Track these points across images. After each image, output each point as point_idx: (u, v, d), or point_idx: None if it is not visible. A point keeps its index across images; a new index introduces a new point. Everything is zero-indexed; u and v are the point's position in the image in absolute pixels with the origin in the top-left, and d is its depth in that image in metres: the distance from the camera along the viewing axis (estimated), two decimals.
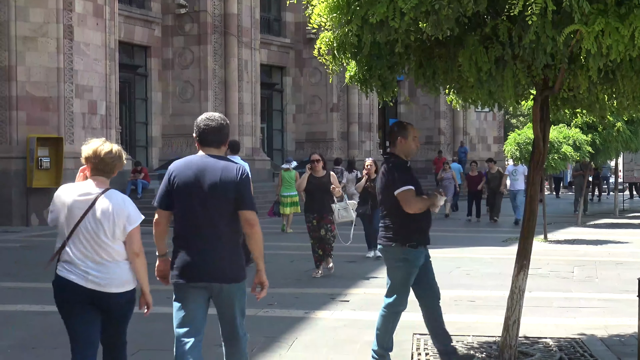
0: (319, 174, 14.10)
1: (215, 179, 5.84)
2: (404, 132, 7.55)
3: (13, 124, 23.84)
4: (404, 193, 7.28)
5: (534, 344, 8.46)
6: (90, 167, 5.82)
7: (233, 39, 32.66)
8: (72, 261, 5.66)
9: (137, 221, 5.75)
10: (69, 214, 5.67)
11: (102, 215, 5.64)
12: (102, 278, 5.65)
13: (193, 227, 5.87)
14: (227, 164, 5.95)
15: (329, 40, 7.45)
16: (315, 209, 13.88)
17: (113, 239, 5.67)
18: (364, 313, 10.42)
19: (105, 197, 5.69)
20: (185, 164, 5.96)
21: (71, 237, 5.66)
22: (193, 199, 5.85)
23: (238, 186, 5.84)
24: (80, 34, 24.49)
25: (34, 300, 11.24)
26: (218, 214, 5.84)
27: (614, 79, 6.96)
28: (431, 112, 46.38)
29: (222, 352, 6.28)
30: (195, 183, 5.85)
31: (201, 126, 6.03)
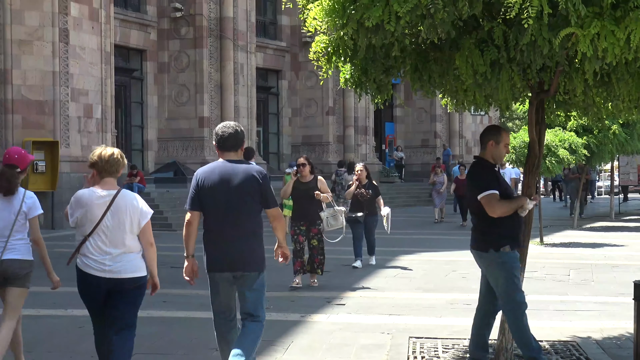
0: (305, 179, 13.16)
1: (239, 181, 6.68)
2: (496, 137, 7.35)
3: (9, 127, 23.81)
4: (486, 197, 7.10)
5: None
6: (98, 171, 6.54)
7: (229, 42, 32.67)
8: (91, 253, 6.45)
9: (148, 216, 6.57)
10: (90, 214, 6.45)
11: (120, 213, 6.45)
12: (117, 267, 6.44)
13: (221, 224, 6.70)
14: (247, 167, 6.79)
15: (325, 43, 7.44)
16: (303, 217, 13.04)
17: (130, 232, 6.48)
18: (360, 316, 10.41)
19: (120, 197, 6.48)
20: (210, 170, 6.78)
21: (92, 233, 6.44)
22: (219, 200, 6.68)
23: (261, 187, 6.73)
24: (75, 37, 24.47)
25: (28, 304, 11.17)
26: (242, 212, 6.71)
27: (609, 82, 6.97)
28: (427, 115, 46.44)
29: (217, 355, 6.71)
30: (221, 186, 6.68)
31: (219, 134, 6.83)
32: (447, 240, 20.84)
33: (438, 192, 28.14)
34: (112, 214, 6.43)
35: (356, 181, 15.56)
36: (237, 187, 6.68)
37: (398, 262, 16.05)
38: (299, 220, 13.04)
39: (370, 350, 8.45)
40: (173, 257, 12.53)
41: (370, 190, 15.49)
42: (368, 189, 15.49)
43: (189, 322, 9.54)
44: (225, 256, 6.72)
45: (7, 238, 7.09)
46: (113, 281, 6.43)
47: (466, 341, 8.75)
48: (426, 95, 7.98)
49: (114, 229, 6.44)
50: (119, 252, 6.45)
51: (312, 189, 12.99)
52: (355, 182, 15.58)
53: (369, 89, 7.82)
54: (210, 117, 32.43)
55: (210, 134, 32.23)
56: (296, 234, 12.98)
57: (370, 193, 15.45)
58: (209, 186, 6.72)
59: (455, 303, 11.46)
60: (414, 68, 7.48)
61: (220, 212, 6.71)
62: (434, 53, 7.30)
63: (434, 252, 17.77)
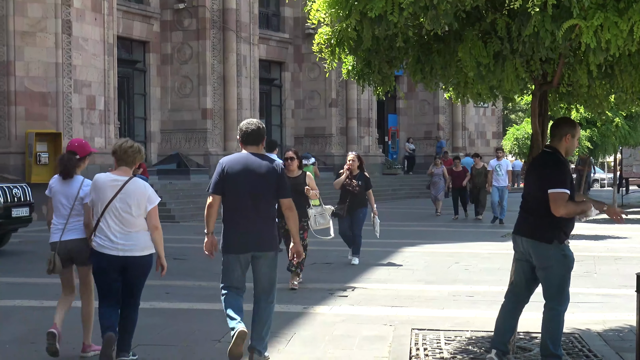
0: (293, 173, 12.18)
1: (260, 172, 7.39)
2: (573, 130, 7.18)
3: (11, 119, 23.82)
4: (557, 194, 6.88)
5: (533, 339, 8.46)
6: (117, 159, 7.43)
7: (232, 34, 32.63)
8: (104, 232, 7.23)
9: (155, 202, 7.39)
10: (102, 195, 7.24)
11: (128, 197, 7.23)
12: (127, 245, 7.24)
13: (240, 209, 7.38)
14: (268, 160, 7.51)
15: (328, 35, 7.44)
16: None
17: (136, 215, 7.26)
18: (362, 308, 10.42)
19: (130, 182, 7.29)
20: (235, 160, 7.49)
21: (104, 213, 7.23)
22: (240, 187, 7.36)
23: (278, 179, 7.45)
24: (78, 29, 24.46)
25: (32, 295, 11.24)
26: (260, 199, 7.41)
27: (612, 74, 6.97)
28: (430, 107, 46.39)
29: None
30: (243, 175, 7.37)
31: (243, 129, 7.53)
32: (449, 232, 20.86)
33: (434, 183, 27.68)
34: (121, 198, 7.21)
35: (347, 171, 14.64)
36: (258, 176, 7.38)
37: (400, 254, 16.06)
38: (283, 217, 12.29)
39: (372, 341, 8.46)
40: (176, 248, 12.54)
41: (360, 182, 14.55)
42: (359, 180, 14.56)
43: (192, 314, 9.56)
44: (245, 238, 7.36)
45: (67, 219, 7.74)
46: (124, 259, 7.23)
47: (468, 332, 8.77)
48: (427, 88, 7.98)
49: (123, 211, 7.22)
50: (128, 232, 7.24)
51: (300, 184, 12.17)
52: (345, 172, 14.68)
53: (371, 80, 7.82)
54: (213, 109, 32.41)
55: (213, 126, 32.25)
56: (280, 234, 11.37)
57: (360, 185, 14.53)
58: (233, 174, 7.38)
59: (457, 295, 11.47)
60: (417, 59, 7.48)
61: (242, 198, 7.37)
62: (437, 45, 7.29)
63: (436, 244, 17.77)
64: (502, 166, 23.99)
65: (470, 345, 8.21)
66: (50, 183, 7.90)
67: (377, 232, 15.02)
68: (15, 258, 15.63)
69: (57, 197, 7.80)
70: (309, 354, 7.98)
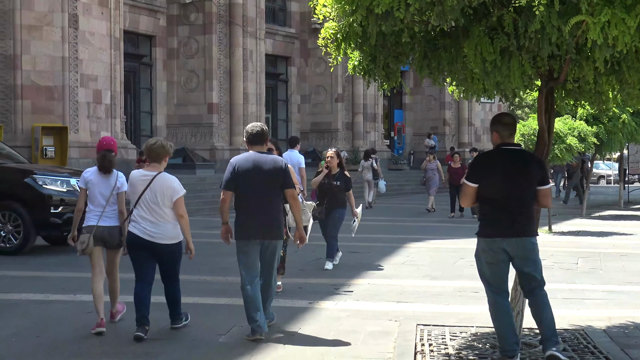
0: None
1: (267, 168, 8.37)
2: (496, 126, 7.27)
3: (18, 113, 23.82)
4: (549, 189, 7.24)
5: (538, 335, 8.44)
6: (147, 156, 8.65)
7: (238, 28, 32.62)
8: (137, 220, 8.37)
9: (180, 193, 8.45)
10: (135, 189, 8.41)
11: (156, 190, 8.35)
12: (156, 233, 8.35)
13: (250, 201, 8.36)
14: (273, 157, 8.57)
15: (334, 30, 7.43)
16: None
17: (164, 206, 8.36)
18: (367, 303, 10.42)
19: (158, 177, 8.39)
20: (244, 158, 8.45)
21: (136, 204, 8.35)
22: (250, 182, 8.33)
23: (283, 173, 8.45)
24: (85, 23, 24.45)
25: (37, 289, 11.26)
26: (268, 193, 8.39)
27: (619, 70, 6.95)
28: (436, 102, 46.34)
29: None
30: (252, 171, 8.34)
31: (249, 131, 8.57)
32: (455, 228, 20.83)
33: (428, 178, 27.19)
34: (150, 190, 8.33)
35: (325, 169, 13.53)
36: (265, 172, 8.36)
37: (405, 250, 16.05)
38: None
39: (377, 337, 8.46)
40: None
41: (339, 182, 13.42)
42: (337, 180, 13.43)
43: (197, 308, 9.56)
44: (254, 227, 8.34)
45: (104, 208, 8.81)
46: (153, 244, 8.36)
47: (474, 328, 8.76)
48: (434, 83, 7.97)
49: (152, 202, 8.33)
50: (157, 222, 8.35)
51: None
52: (324, 170, 13.55)
53: (377, 76, 7.81)
54: (220, 104, 32.42)
55: (219, 120, 32.27)
56: None
57: (338, 186, 13.43)
58: (243, 171, 8.35)
59: (463, 291, 11.47)
60: (423, 55, 7.47)
61: (251, 192, 8.34)
62: (443, 40, 7.28)
63: (441, 239, 17.75)
64: None
65: (475, 340, 8.20)
66: (85, 176, 8.94)
67: (354, 228, 14.12)
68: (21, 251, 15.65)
69: (95, 189, 8.85)
70: (313, 348, 7.98)
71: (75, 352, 7.85)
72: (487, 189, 7.13)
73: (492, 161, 7.27)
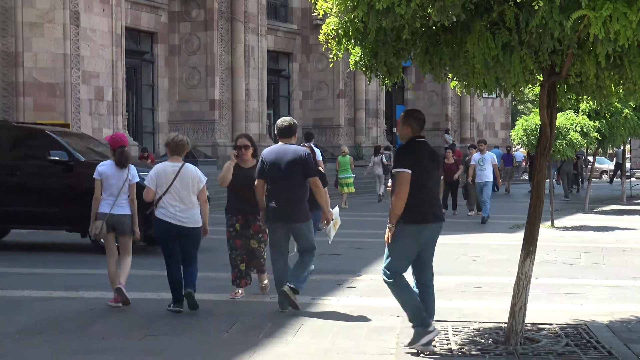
0: (247, 164, 10.41)
1: (290, 158, 9.36)
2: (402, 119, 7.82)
3: (20, 110, 23.84)
4: None
5: (540, 330, 8.45)
6: (169, 150, 9.64)
7: (239, 24, 32.62)
8: (166, 207, 9.36)
9: (204, 181, 9.57)
10: (165, 178, 9.39)
11: (185, 179, 9.43)
12: (184, 217, 9.40)
13: (278, 189, 9.35)
14: (296, 148, 9.53)
15: (335, 25, 7.42)
16: (240, 210, 10.32)
17: (191, 193, 9.43)
18: (370, 299, 10.42)
19: (185, 167, 9.50)
20: (270, 150, 9.57)
21: (166, 192, 9.35)
22: (277, 172, 9.34)
23: (305, 162, 9.37)
24: (86, 20, 24.46)
25: (41, 286, 11.27)
26: (293, 180, 9.36)
27: (621, 65, 6.93)
28: (438, 98, 46.34)
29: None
30: (278, 161, 9.38)
31: (278, 126, 9.70)
32: (457, 223, 20.83)
33: None
34: (179, 179, 9.37)
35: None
36: (290, 162, 9.34)
37: None
38: (235, 214, 10.37)
39: (380, 332, 8.47)
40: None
41: None
42: None
43: (200, 304, 9.57)
44: (284, 212, 9.33)
45: (116, 198, 9.81)
46: (180, 228, 9.36)
47: (476, 324, 8.77)
48: (436, 79, 7.96)
49: (181, 190, 9.37)
50: (185, 207, 9.38)
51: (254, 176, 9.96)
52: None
53: (378, 71, 7.80)
54: (221, 100, 32.43)
55: (220, 117, 32.29)
56: (232, 236, 10.40)
57: None
58: (271, 162, 9.40)
59: (465, 286, 11.47)
60: (425, 51, 7.46)
61: (278, 180, 9.36)
62: (444, 36, 7.27)
63: (444, 235, 17.68)
64: (485, 160, 22.33)
65: (478, 336, 8.20)
66: (100, 169, 9.90)
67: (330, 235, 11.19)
68: (24, 248, 15.67)
69: (110, 180, 9.83)
70: (316, 344, 7.98)
71: (78, 348, 7.86)
72: (420, 175, 7.54)
73: (418, 151, 7.67)
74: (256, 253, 10.44)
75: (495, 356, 7.48)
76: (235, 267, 10.42)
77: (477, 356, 7.51)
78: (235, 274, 10.43)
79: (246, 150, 10.47)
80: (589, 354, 7.55)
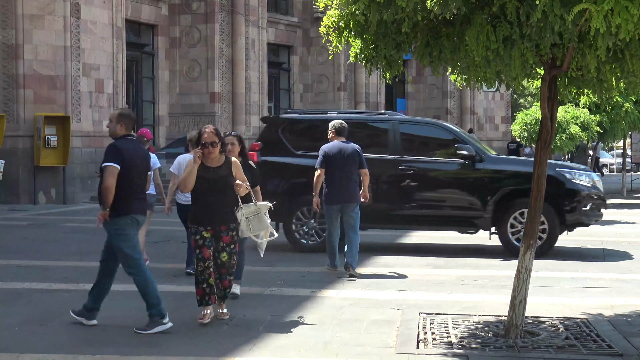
0: (214, 163, 8.76)
1: (348, 152, 11.73)
2: None
3: (20, 102, 23.83)
4: None
5: (540, 323, 8.46)
6: (191, 144, 11.43)
7: (240, 17, 32.57)
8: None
9: None
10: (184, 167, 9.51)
11: None
12: None
13: (337, 177, 11.69)
14: (352, 145, 11.82)
15: (335, 18, 7.41)
16: (209, 220, 8.72)
17: None
18: (370, 292, 10.43)
19: None
20: (332, 146, 11.80)
21: None
22: (337, 163, 11.69)
23: (359, 156, 11.76)
24: (87, 12, 24.44)
25: (41, 278, 11.28)
26: (349, 170, 11.72)
27: (622, 59, 6.92)
28: (439, 91, 46.25)
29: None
30: (338, 155, 11.71)
31: (337, 126, 11.91)
32: None
33: None
34: None
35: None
36: (348, 155, 11.71)
37: (408, 238, 16.06)
38: (203, 224, 8.73)
39: (380, 325, 8.47)
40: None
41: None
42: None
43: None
44: (339, 194, 11.69)
45: None
46: None
47: (476, 317, 8.78)
48: (434, 73, 7.95)
49: None
50: None
51: (225, 178, 8.77)
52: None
53: (379, 64, 7.79)
54: (222, 93, 32.40)
55: (221, 109, 32.26)
56: (199, 245, 8.72)
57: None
58: (332, 155, 11.71)
59: (465, 279, 11.48)
60: (425, 44, 7.44)
61: (337, 169, 11.66)
62: (445, 29, 7.26)
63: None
64: None
65: (478, 329, 8.21)
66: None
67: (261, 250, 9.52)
68: (24, 241, 15.68)
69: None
70: (316, 337, 7.99)
71: (78, 340, 7.87)
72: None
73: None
74: (226, 265, 8.81)
75: (495, 349, 7.49)
76: (203, 282, 8.65)
77: (477, 349, 7.52)
78: (201, 290, 8.66)
79: (213, 149, 8.68)
80: (589, 348, 7.56)
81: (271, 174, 13.93)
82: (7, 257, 13.20)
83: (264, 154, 14.24)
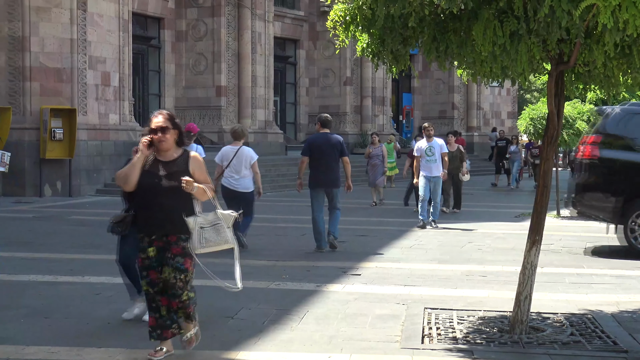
0: (166, 156, 7.08)
1: (331, 142, 13.47)
2: None
3: (26, 94, 23.86)
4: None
5: (545, 319, 8.45)
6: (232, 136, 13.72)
7: (247, 11, 32.56)
8: (227, 176, 13.34)
9: (255, 158, 13.48)
10: (226, 157, 13.44)
11: (241, 156, 13.39)
12: (239, 184, 13.39)
13: (320, 164, 13.43)
14: (334, 136, 13.70)
15: (342, 12, 7.40)
16: (156, 227, 6.99)
17: (245, 167, 13.37)
18: (375, 287, 10.42)
19: (241, 149, 13.47)
20: (316, 136, 13.71)
21: (228, 165, 13.31)
22: (320, 152, 13.43)
23: (341, 146, 13.55)
24: (93, 5, 24.45)
25: (46, 270, 11.30)
26: (331, 158, 13.46)
27: (630, 54, 6.90)
28: (445, 86, 46.20)
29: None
30: (322, 145, 13.44)
31: (323, 118, 13.73)
32: (463, 212, 20.80)
33: (372, 165, 22.75)
34: (237, 157, 13.34)
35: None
36: (330, 145, 13.42)
37: (414, 233, 16.05)
38: (148, 234, 7.04)
39: (385, 320, 8.47)
40: None
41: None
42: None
43: (204, 291, 9.56)
44: (322, 180, 13.43)
45: None
46: (235, 191, 13.32)
47: (481, 312, 8.77)
48: (440, 67, 7.93)
49: (238, 165, 13.33)
50: (239, 177, 13.35)
51: (178, 173, 7.02)
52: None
53: (385, 59, 7.77)
54: (228, 86, 32.41)
55: (227, 103, 32.27)
56: (145, 266, 7.04)
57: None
58: (316, 145, 13.49)
59: (470, 274, 11.46)
60: (432, 38, 7.42)
61: (320, 157, 13.40)
62: (452, 23, 7.24)
63: (449, 223, 17.73)
64: (434, 149, 17.31)
65: (483, 325, 8.20)
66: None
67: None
68: (30, 233, 15.71)
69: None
70: (321, 331, 7.99)
71: (82, 332, 7.88)
72: None
73: None
74: (170, 286, 7.00)
75: (500, 345, 7.49)
76: (155, 311, 7.05)
77: (481, 344, 7.51)
78: (154, 320, 7.06)
79: (164, 134, 6.97)
80: (594, 344, 7.54)
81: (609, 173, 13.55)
82: (13, 250, 13.22)
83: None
